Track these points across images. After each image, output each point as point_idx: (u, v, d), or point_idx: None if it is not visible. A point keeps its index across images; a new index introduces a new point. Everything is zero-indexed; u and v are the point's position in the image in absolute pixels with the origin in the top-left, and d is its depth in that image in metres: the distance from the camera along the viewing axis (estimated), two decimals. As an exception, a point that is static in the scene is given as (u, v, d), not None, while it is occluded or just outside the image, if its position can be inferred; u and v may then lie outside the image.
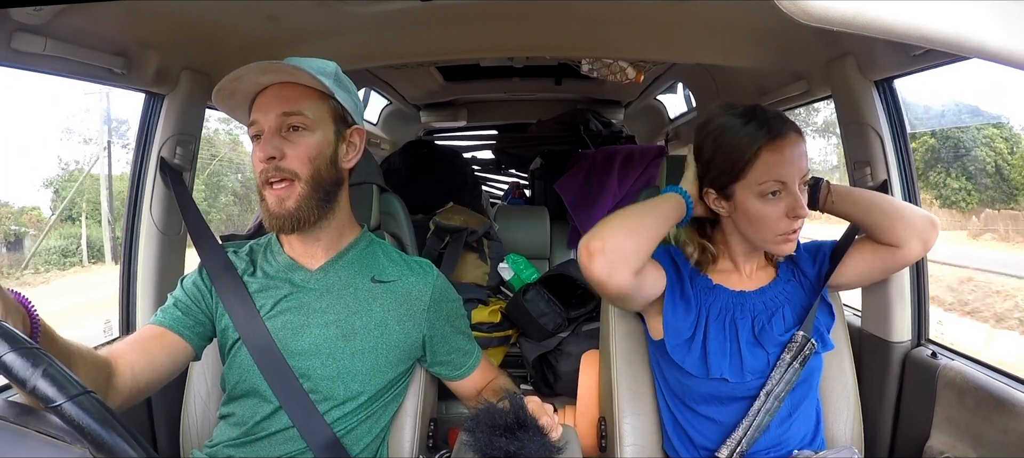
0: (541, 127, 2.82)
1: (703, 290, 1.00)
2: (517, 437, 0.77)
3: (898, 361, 1.20)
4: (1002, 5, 0.35)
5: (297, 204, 0.89)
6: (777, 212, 0.91)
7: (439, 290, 1.01)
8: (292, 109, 0.89)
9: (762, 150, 0.90)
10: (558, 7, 1.24)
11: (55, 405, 0.42)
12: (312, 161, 0.90)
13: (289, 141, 0.89)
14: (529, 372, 1.76)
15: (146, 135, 1.25)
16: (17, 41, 0.90)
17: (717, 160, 0.93)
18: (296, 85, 0.91)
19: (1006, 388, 0.98)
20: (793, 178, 0.90)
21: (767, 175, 0.90)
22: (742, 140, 0.91)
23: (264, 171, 0.89)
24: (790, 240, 0.93)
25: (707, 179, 0.95)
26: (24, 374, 0.42)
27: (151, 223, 1.25)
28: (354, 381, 0.93)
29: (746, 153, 0.90)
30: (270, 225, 0.91)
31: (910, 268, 1.20)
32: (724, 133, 0.93)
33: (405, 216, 1.53)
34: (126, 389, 0.80)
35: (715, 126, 0.95)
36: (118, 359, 0.81)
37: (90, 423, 0.42)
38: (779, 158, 0.89)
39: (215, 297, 0.95)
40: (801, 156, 0.91)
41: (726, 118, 0.94)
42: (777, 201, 0.91)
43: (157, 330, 0.91)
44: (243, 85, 0.90)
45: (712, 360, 0.95)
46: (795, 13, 0.36)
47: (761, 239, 0.95)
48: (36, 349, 0.44)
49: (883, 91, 1.20)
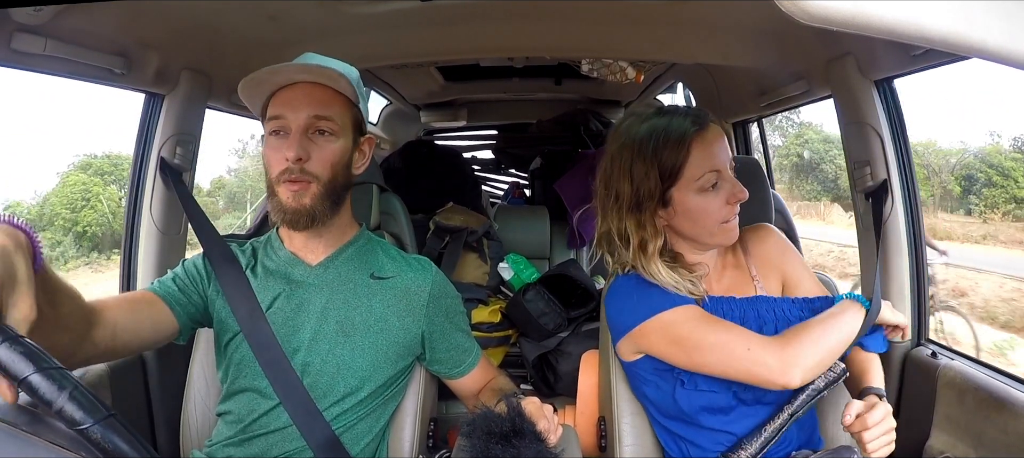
0: (541, 127, 2.82)
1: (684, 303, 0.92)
2: (513, 444, 0.77)
3: (898, 361, 1.20)
4: (1002, 5, 0.35)
5: (312, 202, 0.90)
6: (718, 202, 0.89)
7: (438, 286, 1.02)
8: (324, 113, 0.90)
9: (692, 145, 0.87)
10: (558, 7, 1.24)
11: (82, 428, 0.44)
12: (333, 167, 0.91)
13: (315, 144, 0.90)
14: (529, 372, 1.76)
15: (146, 135, 1.25)
16: (17, 41, 0.90)
17: (650, 173, 0.88)
18: (326, 87, 0.91)
19: (1006, 388, 0.98)
20: (725, 164, 0.89)
21: (702, 167, 0.88)
22: (668, 142, 0.88)
23: (288, 170, 0.89)
24: (732, 226, 0.91)
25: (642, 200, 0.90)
26: (50, 396, 0.44)
27: (151, 223, 1.25)
28: (354, 376, 0.93)
29: (678, 153, 0.88)
30: (283, 220, 0.92)
31: (910, 268, 1.20)
32: (647, 144, 0.89)
33: (405, 216, 1.53)
34: (103, 344, 0.78)
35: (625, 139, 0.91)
36: (103, 312, 0.79)
37: (115, 444, 0.44)
38: (709, 149, 0.88)
39: (214, 286, 0.95)
40: (723, 139, 0.89)
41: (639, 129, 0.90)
42: (717, 192, 0.89)
43: (149, 295, 0.91)
44: (277, 78, 0.91)
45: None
46: (795, 13, 0.36)
47: (706, 233, 0.91)
48: (60, 370, 0.45)
49: (883, 91, 1.20)
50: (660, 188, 0.89)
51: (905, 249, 1.20)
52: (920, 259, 1.21)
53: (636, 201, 0.90)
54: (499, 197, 3.29)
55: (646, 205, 0.90)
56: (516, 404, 0.82)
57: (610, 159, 0.93)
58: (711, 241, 0.93)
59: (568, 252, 2.41)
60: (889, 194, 1.19)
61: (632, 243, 0.91)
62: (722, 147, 0.89)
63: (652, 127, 0.89)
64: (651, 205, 0.90)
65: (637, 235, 0.91)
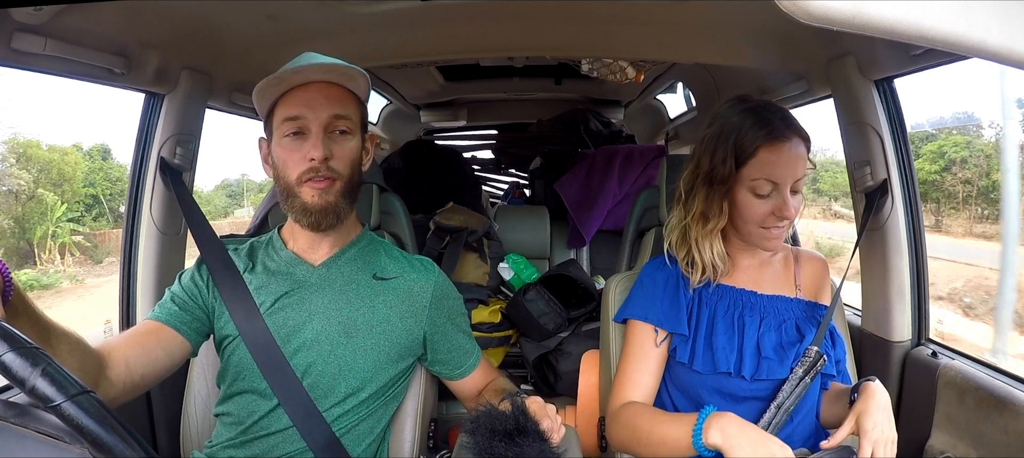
0: (541, 127, 2.82)
1: (703, 287, 1.01)
2: (516, 443, 0.77)
3: (898, 361, 1.20)
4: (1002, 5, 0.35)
5: (336, 200, 0.91)
6: (763, 210, 0.93)
7: (441, 287, 1.02)
8: (343, 112, 0.91)
9: (760, 150, 0.91)
10: (558, 7, 1.24)
11: (54, 405, 0.41)
12: (352, 164, 0.93)
13: (336, 142, 0.91)
14: (529, 372, 1.76)
15: (146, 135, 1.25)
16: (17, 41, 0.90)
17: (727, 160, 0.94)
18: (339, 86, 0.92)
19: (1006, 388, 0.98)
20: (786, 180, 0.91)
21: (760, 173, 0.91)
22: (744, 136, 0.92)
23: (312, 169, 0.89)
24: (773, 237, 0.95)
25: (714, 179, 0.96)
26: (23, 374, 0.42)
27: (151, 223, 1.25)
28: (355, 377, 0.93)
29: (746, 151, 0.92)
30: (308, 220, 0.92)
31: (910, 268, 1.20)
32: (726, 127, 0.94)
33: (405, 216, 1.53)
34: (120, 381, 0.79)
35: (722, 118, 0.96)
36: (112, 351, 0.80)
37: (89, 423, 0.42)
38: (776, 158, 0.91)
39: (214, 293, 0.95)
40: (797, 159, 0.91)
41: (734, 114, 0.95)
42: (766, 201, 0.93)
43: (153, 325, 0.91)
44: (299, 78, 0.91)
45: (719, 355, 0.96)
46: (795, 13, 0.36)
47: (745, 230, 0.97)
48: (35, 349, 0.43)
49: (883, 91, 1.20)
50: (733, 175, 0.93)
51: (905, 249, 1.20)
52: (920, 259, 1.21)
53: (710, 177, 0.95)
54: (499, 197, 3.29)
55: (718, 186, 0.95)
56: (520, 403, 0.82)
57: (706, 129, 0.99)
58: (749, 239, 0.98)
59: (568, 252, 2.41)
60: (889, 194, 1.19)
61: (694, 210, 0.98)
62: (789, 163, 0.91)
63: (741, 121, 0.93)
64: (722, 188, 0.94)
65: (702, 205, 0.97)
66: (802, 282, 1.04)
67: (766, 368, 0.95)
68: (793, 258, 1.06)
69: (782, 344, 0.97)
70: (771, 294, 1.01)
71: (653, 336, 1.00)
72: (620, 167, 2.31)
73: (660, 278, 1.03)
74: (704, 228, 0.97)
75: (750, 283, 1.01)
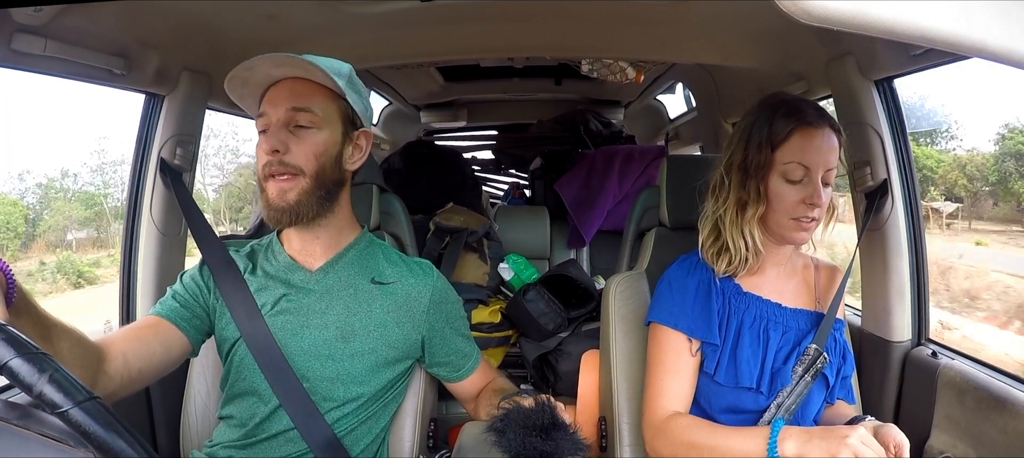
0: (541, 127, 2.82)
1: (733, 295, 0.99)
2: (552, 437, 0.77)
3: (898, 361, 1.20)
4: (1002, 5, 0.35)
5: (298, 198, 0.89)
6: (795, 197, 0.93)
7: (439, 292, 1.01)
8: (302, 105, 0.89)
9: (794, 133, 0.92)
10: (558, 7, 1.24)
11: (61, 410, 0.42)
12: (317, 158, 0.90)
13: (295, 136, 0.89)
14: (529, 372, 1.76)
15: (146, 136, 1.25)
16: (17, 42, 0.90)
17: (763, 147, 0.94)
18: (308, 81, 0.91)
19: (1006, 388, 0.98)
20: (817, 167, 0.92)
21: (792, 157, 0.92)
22: (778, 122, 0.93)
23: (268, 164, 0.89)
24: (804, 227, 0.94)
25: (749, 167, 0.96)
26: (30, 379, 0.42)
27: (151, 223, 1.25)
28: (353, 383, 0.93)
29: (779, 135, 0.93)
30: (269, 217, 0.91)
31: (910, 268, 1.20)
32: (761, 117, 0.95)
33: (405, 216, 1.53)
34: (118, 375, 0.79)
35: (756, 110, 0.97)
36: (110, 345, 0.80)
37: (95, 428, 0.42)
38: (808, 144, 0.91)
39: (215, 294, 0.95)
40: (830, 149, 0.92)
41: (767, 106, 0.96)
42: (797, 187, 0.93)
43: (153, 320, 0.91)
44: (256, 76, 0.90)
45: (742, 368, 0.94)
46: (795, 13, 0.36)
47: (775, 222, 0.95)
48: (42, 354, 0.44)
49: (883, 91, 1.20)
50: (768, 159, 0.93)
51: (905, 249, 1.19)
52: (920, 259, 1.21)
53: (745, 165, 0.95)
54: (499, 197, 3.29)
55: (754, 172, 0.94)
56: (545, 400, 0.82)
57: (744, 117, 0.99)
58: (779, 231, 0.96)
59: (568, 252, 2.41)
60: (889, 194, 1.19)
61: (729, 199, 0.97)
62: (821, 151, 0.92)
63: (775, 110, 0.94)
64: (759, 174, 0.94)
65: (738, 193, 0.96)
66: (821, 293, 1.03)
67: (780, 383, 0.94)
68: (813, 267, 1.06)
69: (799, 360, 0.95)
70: (794, 307, 1.00)
71: (687, 345, 0.97)
72: (620, 167, 2.31)
73: (691, 283, 1.00)
74: (743, 216, 0.96)
75: (775, 294, 1.00)
